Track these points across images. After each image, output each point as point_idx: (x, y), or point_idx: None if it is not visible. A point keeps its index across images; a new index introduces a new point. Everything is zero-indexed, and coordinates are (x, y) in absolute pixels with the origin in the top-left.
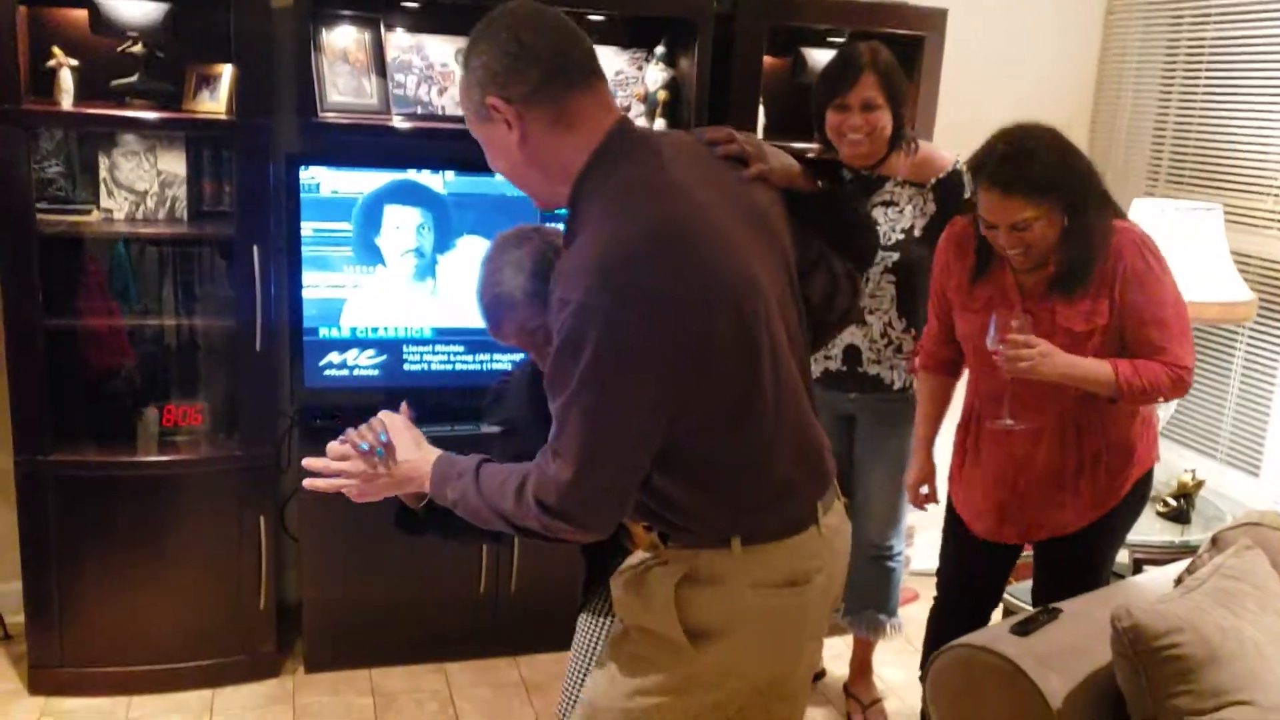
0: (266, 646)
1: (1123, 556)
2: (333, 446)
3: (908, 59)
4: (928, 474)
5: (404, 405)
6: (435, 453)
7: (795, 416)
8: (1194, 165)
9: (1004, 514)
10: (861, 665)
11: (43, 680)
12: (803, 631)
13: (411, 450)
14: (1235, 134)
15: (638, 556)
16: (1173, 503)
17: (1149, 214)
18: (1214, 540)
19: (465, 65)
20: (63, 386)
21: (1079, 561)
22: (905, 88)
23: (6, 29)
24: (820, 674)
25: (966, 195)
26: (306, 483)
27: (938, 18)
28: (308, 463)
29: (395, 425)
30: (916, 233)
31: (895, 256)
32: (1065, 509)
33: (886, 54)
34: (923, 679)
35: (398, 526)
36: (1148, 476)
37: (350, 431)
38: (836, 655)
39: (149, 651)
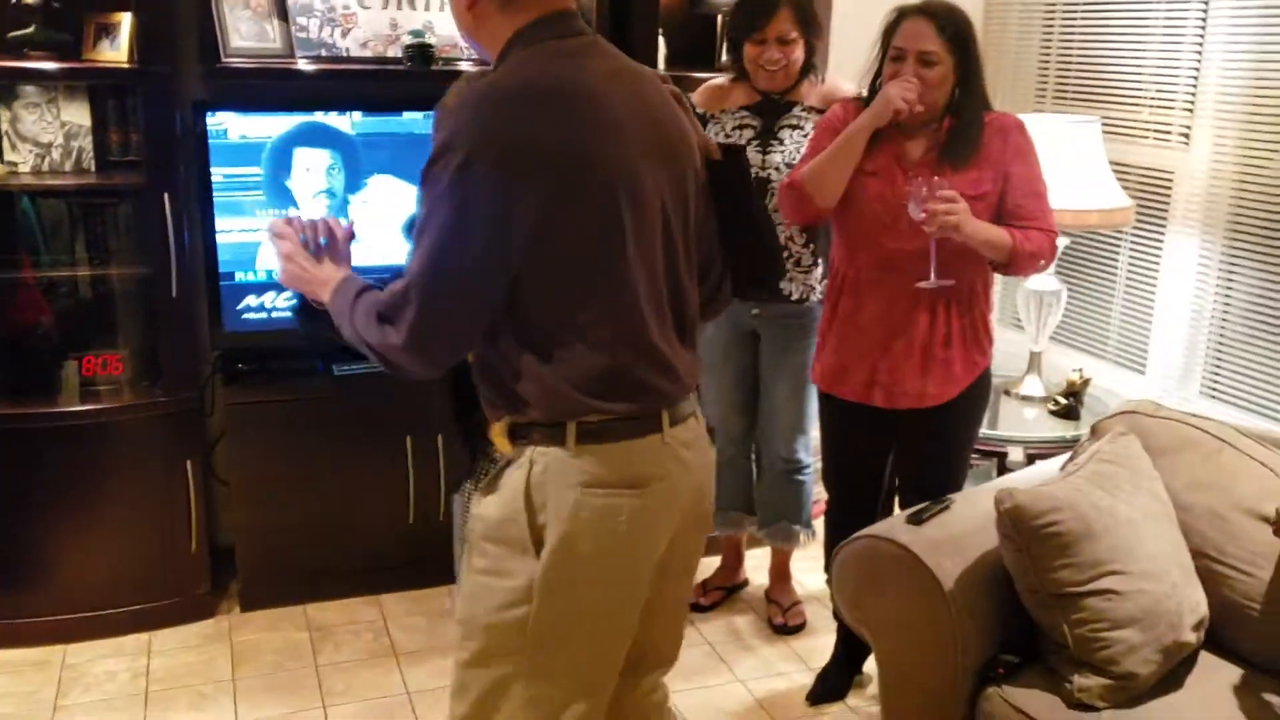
0: (201, 588)
1: (1017, 455)
2: (277, 223)
3: None
4: None
5: (350, 225)
6: (347, 271)
7: (654, 323)
8: (1076, 82)
9: (874, 376)
10: (780, 572)
11: None
12: (647, 538)
13: (331, 263)
14: (1113, 50)
15: (497, 459)
16: (1063, 401)
17: (1034, 128)
18: (1093, 429)
19: None
20: None
21: (936, 439)
22: (817, 19)
23: None
24: (743, 584)
25: None
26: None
27: None
28: (272, 224)
29: (338, 236)
30: None
31: None
32: (929, 378)
33: None
34: (828, 571)
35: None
36: (989, 373)
37: (304, 219)
38: (757, 566)
39: (82, 600)
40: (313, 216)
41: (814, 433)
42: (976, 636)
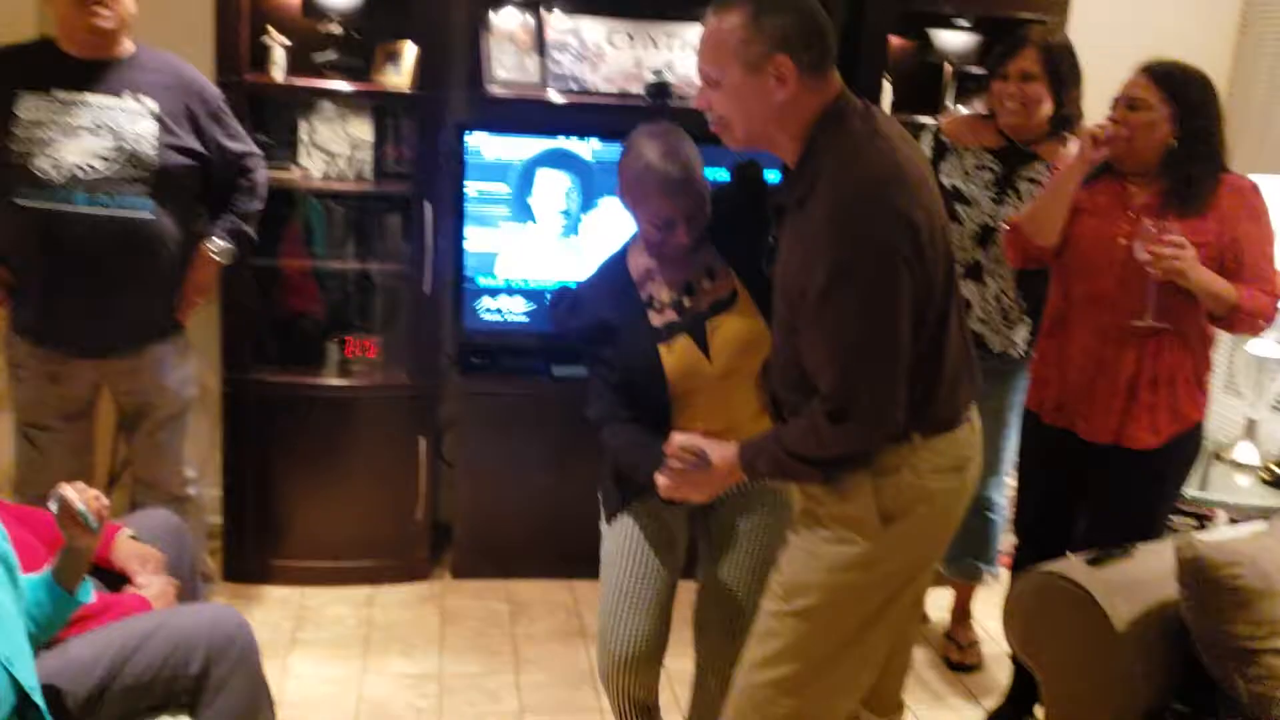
0: (420, 553)
1: (1222, 520)
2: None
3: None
4: None
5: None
6: (732, 447)
7: (962, 323)
8: None
9: (1077, 408)
10: (961, 610)
11: (235, 570)
12: (959, 511)
13: (716, 452)
14: None
15: None
16: (1277, 470)
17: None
18: None
19: (753, 23)
20: (264, 319)
21: (1134, 485)
22: (1072, 71)
23: (233, 14)
24: (923, 620)
25: None
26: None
27: (1059, 2)
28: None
29: (700, 442)
30: None
31: None
32: (1131, 419)
33: (1060, 38)
34: None
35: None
36: (1199, 429)
37: (674, 459)
38: (940, 605)
39: (324, 549)
40: (674, 453)
41: (1009, 479)
42: (1147, 682)
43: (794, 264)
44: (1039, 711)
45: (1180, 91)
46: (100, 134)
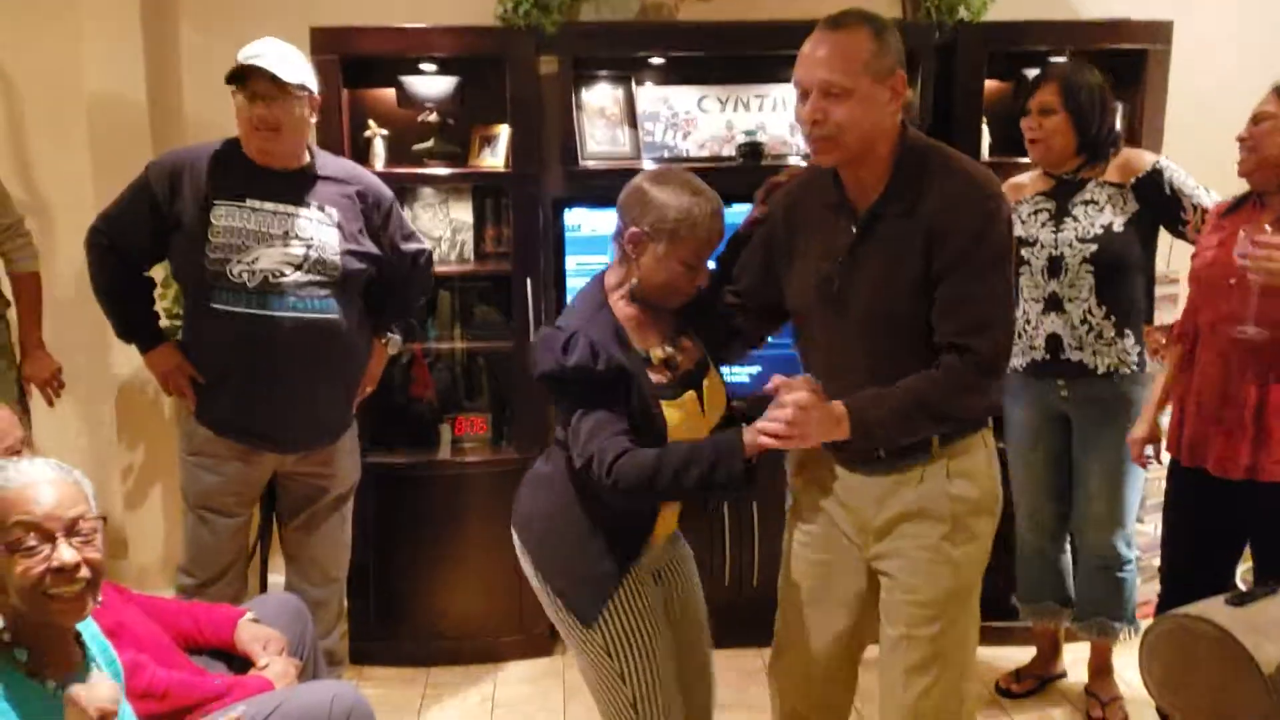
0: (540, 628)
1: None
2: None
3: (1133, 72)
4: (1153, 435)
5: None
6: (838, 403)
7: None
8: None
9: (1210, 442)
10: (1099, 666)
11: (358, 650)
12: None
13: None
14: None
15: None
16: None
17: None
18: None
19: (879, 38)
20: (380, 404)
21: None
22: (1094, 101)
23: (335, 108)
24: (1060, 675)
25: (1167, 192)
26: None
27: (1162, 29)
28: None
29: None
30: (1116, 228)
31: (1093, 249)
32: (1264, 450)
33: (1083, 72)
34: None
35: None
36: None
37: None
38: (1078, 659)
39: (446, 628)
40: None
41: (1137, 525)
42: None
43: (903, 260)
44: None
45: None
46: (290, 242)
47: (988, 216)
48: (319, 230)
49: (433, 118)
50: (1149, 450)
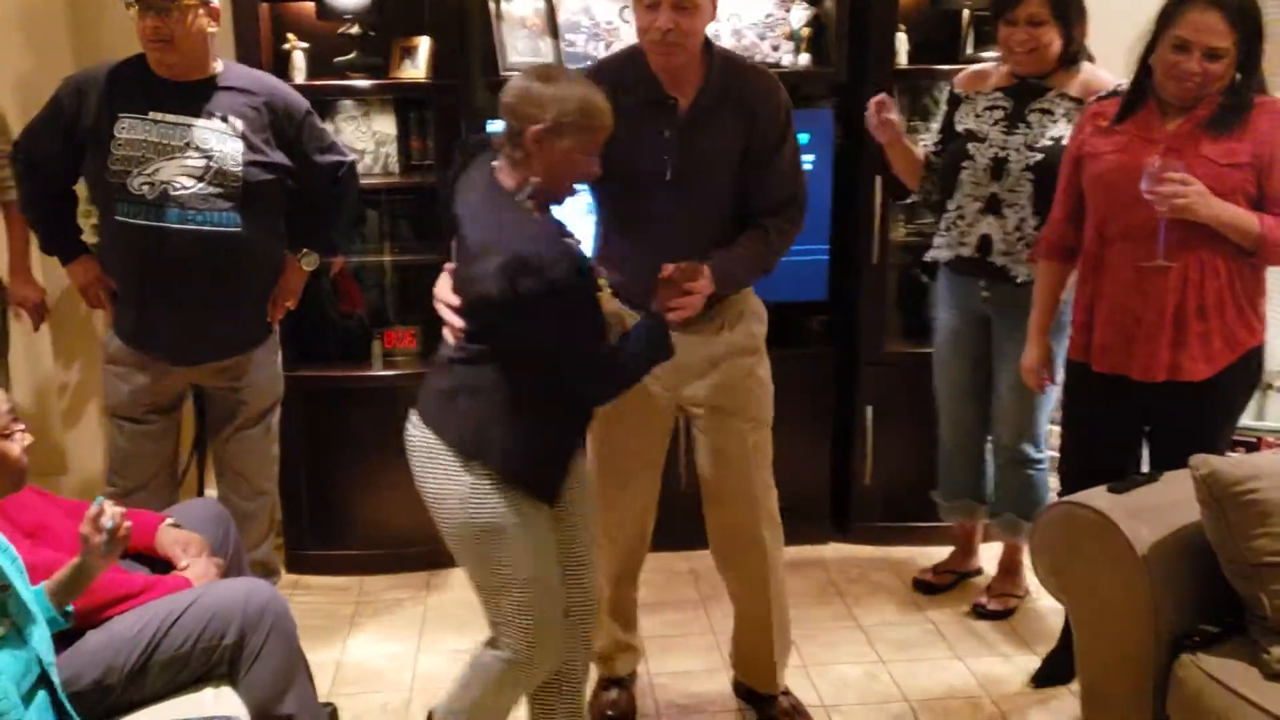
0: None
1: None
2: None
3: None
4: (1045, 358)
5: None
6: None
7: None
8: None
9: (1128, 347)
10: (1008, 565)
11: (296, 558)
12: None
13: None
14: None
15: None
16: None
17: None
18: None
19: None
20: (308, 319)
21: (1191, 418)
22: (1078, 8)
23: (251, 23)
24: (975, 571)
25: None
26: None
27: None
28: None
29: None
30: (1064, 142)
31: (1039, 158)
32: (1184, 351)
33: None
34: None
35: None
36: (1257, 354)
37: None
38: (993, 558)
39: (378, 538)
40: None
41: (1049, 426)
42: (1173, 605)
43: (726, 142)
44: None
45: (1252, 29)
46: (189, 154)
47: (788, 104)
48: (221, 141)
49: (354, 30)
50: (1044, 374)
